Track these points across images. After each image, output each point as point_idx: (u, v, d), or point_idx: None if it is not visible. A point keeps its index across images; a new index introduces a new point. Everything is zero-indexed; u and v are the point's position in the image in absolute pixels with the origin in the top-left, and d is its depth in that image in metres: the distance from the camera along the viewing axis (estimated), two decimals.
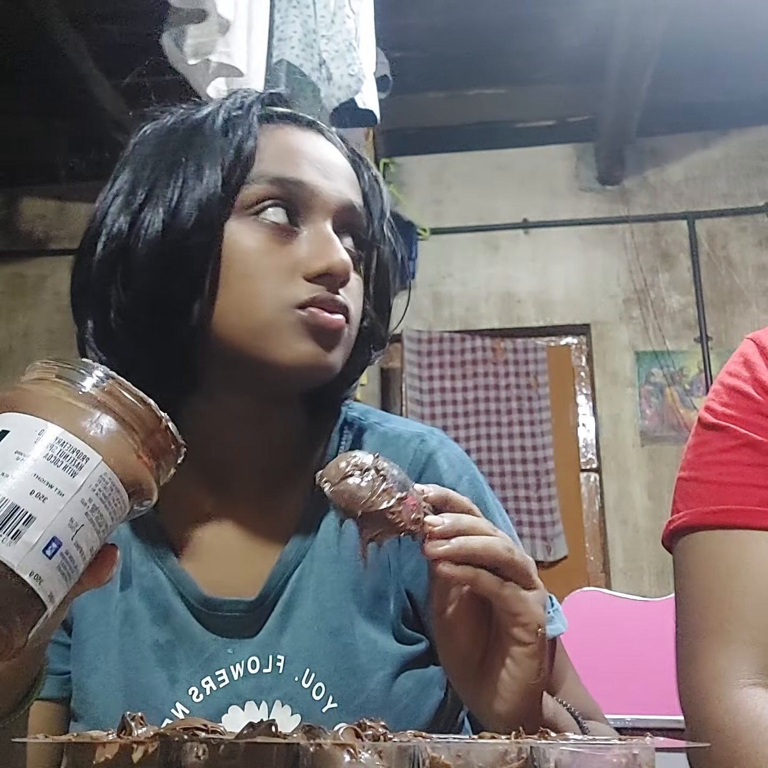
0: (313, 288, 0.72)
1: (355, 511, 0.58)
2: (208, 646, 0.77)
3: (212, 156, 0.73)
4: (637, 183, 3.99)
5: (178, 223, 0.71)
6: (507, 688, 0.62)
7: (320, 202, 0.75)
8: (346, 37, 1.85)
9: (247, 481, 0.81)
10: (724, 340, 3.75)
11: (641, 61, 3.13)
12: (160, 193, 0.73)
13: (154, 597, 0.78)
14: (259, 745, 0.43)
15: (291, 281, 0.72)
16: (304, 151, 0.76)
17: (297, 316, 0.72)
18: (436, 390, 3.80)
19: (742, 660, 0.74)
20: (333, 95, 1.84)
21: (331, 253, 0.73)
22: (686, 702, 0.78)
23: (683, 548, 0.83)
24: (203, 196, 0.72)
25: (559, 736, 0.48)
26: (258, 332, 0.72)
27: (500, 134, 4.04)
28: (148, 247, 0.72)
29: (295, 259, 0.73)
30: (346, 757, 0.42)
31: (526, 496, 3.68)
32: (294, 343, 0.72)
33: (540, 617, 0.61)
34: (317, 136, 0.80)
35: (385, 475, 0.59)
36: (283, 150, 0.76)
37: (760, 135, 3.96)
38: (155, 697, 0.75)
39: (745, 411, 0.83)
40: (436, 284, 3.98)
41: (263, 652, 0.76)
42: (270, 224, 0.73)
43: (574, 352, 3.97)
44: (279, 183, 0.74)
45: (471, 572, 0.60)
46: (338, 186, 0.76)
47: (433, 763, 0.43)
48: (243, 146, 0.74)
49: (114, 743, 0.45)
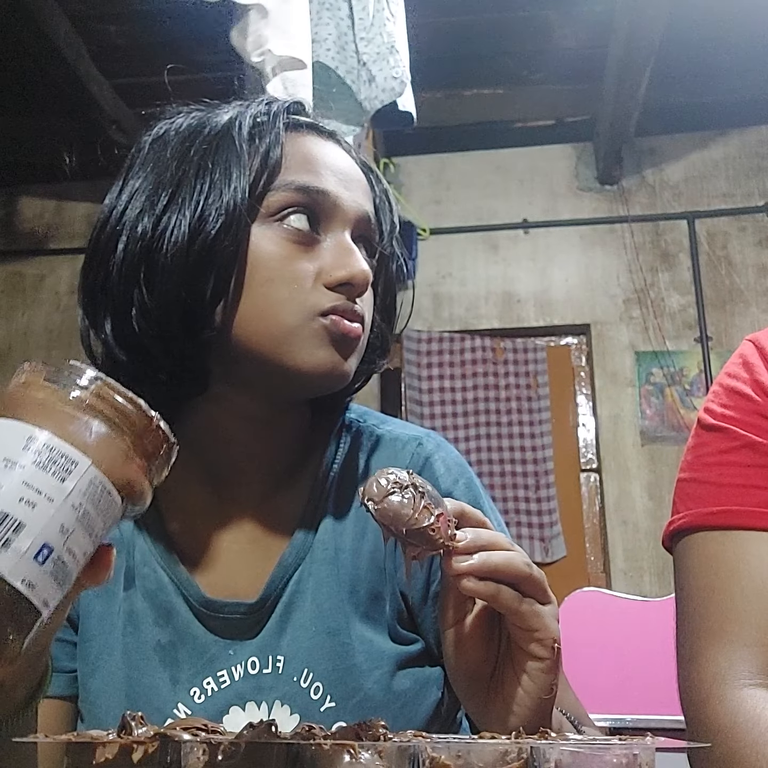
0: (334, 296, 0.74)
1: (400, 529, 0.59)
2: (210, 647, 0.77)
3: (240, 161, 0.74)
4: (636, 183, 3.99)
5: (205, 227, 0.72)
6: (520, 703, 0.62)
7: (341, 212, 0.76)
8: (387, 40, 1.86)
9: (250, 483, 0.81)
10: (724, 340, 3.75)
11: (640, 60, 3.13)
12: (186, 196, 0.73)
13: (157, 598, 0.79)
14: (259, 745, 0.43)
15: (313, 289, 0.74)
16: (327, 161, 0.77)
17: (319, 324, 0.73)
18: (435, 390, 3.80)
19: (743, 660, 0.74)
20: (376, 97, 1.85)
21: (353, 262, 0.74)
22: (687, 702, 0.78)
23: (683, 549, 0.83)
24: (230, 201, 0.72)
25: (559, 736, 0.48)
26: (279, 338, 0.73)
27: (499, 134, 4.05)
28: (174, 250, 0.72)
29: (317, 266, 0.74)
30: (346, 757, 0.42)
31: (525, 496, 3.68)
32: (314, 350, 0.73)
33: (555, 632, 0.62)
34: (337, 147, 0.81)
35: (423, 492, 0.60)
36: (307, 159, 0.77)
37: (760, 135, 3.96)
38: (157, 697, 0.76)
39: (744, 412, 0.83)
40: (436, 284, 3.98)
41: (263, 653, 0.76)
42: (294, 231, 0.74)
43: (574, 352, 3.97)
44: (304, 191, 0.74)
45: (493, 588, 0.60)
46: (357, 197, 0.78)
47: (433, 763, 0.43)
48: (270, 154, 0.75)
49: (114, 743, 0.44)
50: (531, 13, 3.25)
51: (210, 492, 0.81)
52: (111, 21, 3.11)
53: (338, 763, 0.42)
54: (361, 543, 0.79)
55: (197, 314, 0.73)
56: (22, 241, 4.22)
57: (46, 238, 4.18)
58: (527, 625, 0.61)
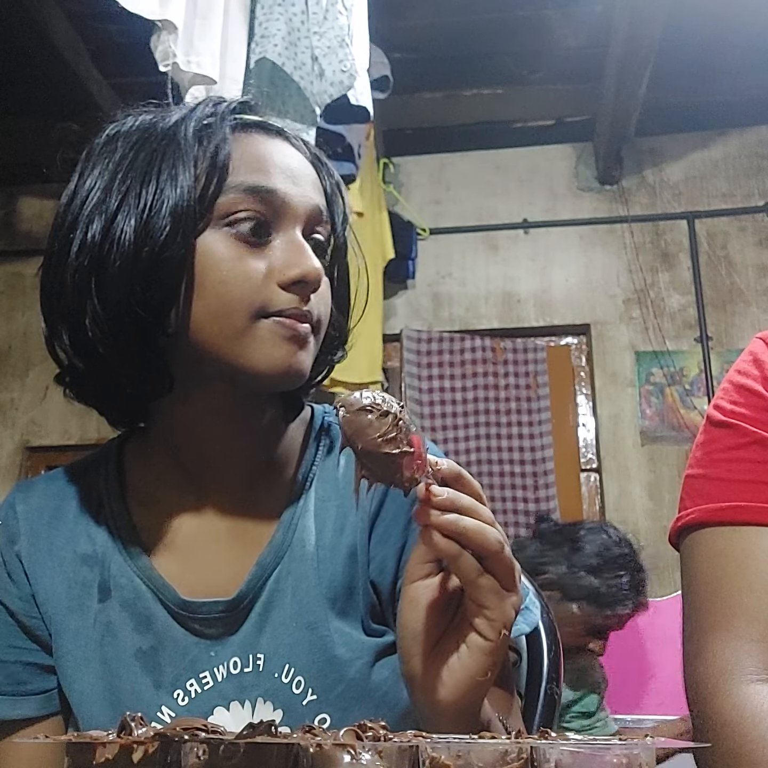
0: (286, 297, 0.74)
1: (356, 444, 0.60)
2: (191, 649, 0.78)
3: (187, 165, 0.74)
4: (636, 183, 3.99)
5: (152, 233, 0.72)
6: (453, 676, 0.62)
7: (291, 209, 0.76)
8: (338, 33, 1.82)
9: (224, 481, 0.82)
10: (724, 340, 3.75)
11: (640, 60, 3.13)
12: (133, 202, 0.73)
13: (135, 606, 0.79)
14: (259, 745, 0.43)
15: (265, 288, 0.74)
16: (275, 159, 0.77)
17: (271, 323, 0.73)
18: (435, 390, 3.79)
19: (750, 656, 0.74)
20: (325, 91, 1.81)
21: (305, 260, 0.75)
22: (693, 697, 0.78)
23: (691, 545, 0.83)
24: (177, 205, 0.72)
25: (560, 736, 0.47)
26: (233, 338, 0.73)
27: (499, 134, 4.04)
28: (122, 260, 0.72)
29: (268, 266, 0.74)
30: (346, 757, 0.42)
31: (525, 496, 3.68)
32: (268, 350, 0.73)
33: (509, 619, 0.61)
34: (285, 144, 0.80)
35: (401, 427, 0.60)
36: (255, 159, 0.76)
37: (760, 135, 3.96)
38: (140, 702, 0.76)
39: (754, 409, 0.83)
40: (436, 284, 3.98)
41: (243, 652, 0.77)
42: (244, 233, 0.74)
43: (574, 352, 3.97)
44: (252, 192, 0.74)
45: (456, 549, 0.60)
46: (306, 192, 0.78)
47: (433, 763, 0.43)
48: (218, 156, 0.74)
49: (114, 743, 0.44)
50: (531, 12, 3.25)
51: (185, 492, 0.82)
52: (111, 20, 3.11)
53: (338, 763, 0.42)
54: (339, 538, 0.80)
55: (150, 321, 0.73)
56: (21, 241, 4.21)
57: (45, 239, 4.17)
58: (481, 601, 0.61)
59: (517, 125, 4.05)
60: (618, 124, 3.62)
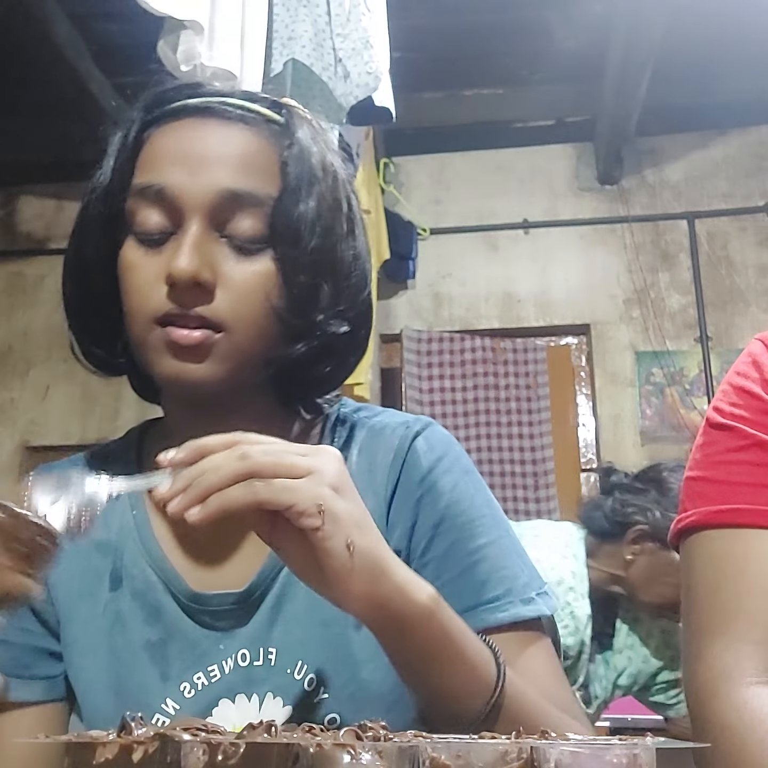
0: (165, 301, 0.70)
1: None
2: (200, 642, 0.77)
3: (108, 169, 0.77)
4: (636, 183, 3.99)
5: (76, 242, 0.77)
6: (332, 580, 0.60)
7: (184, 203, 0.71)
8: (362, 35, 1.85)
9: None
10: (724, 340, 3.75)
11: (640, 60, 3.13)
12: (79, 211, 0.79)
13: (146, 597, 0.79)
14: (259, 745, 0.43)
15: (156, 295, 0.71)
16: (174, 150, 0.73)
17: (157, 332, 0.71)
18: (435, 390, 3.80)
19: (749, 658, 0.74)
20: (351, 93, 1.84)
21: (174, 260, 0.69)
22: (693, 699, 0.78)
23: (691, 547, 0.83)
24: (96, 213, 0.76)
25: (560, 736, 0.47)
26: (140, 347, 0.74)
27: (499, 134, 4.05)
28: (65, 266, 0.78)
29: (160, 270, 0.71)
30: (346, 757, 0.42)
31: (525, 496, 3.68)
32: (159, 359, 0.72)
33: (315, 497, 0.58)
34: (202, 124, 0.74)
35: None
36: (152, 156, 0.74)
37: (760, 135, 3.96)
38: (145, 693, 0.76)
39: (753, 411, 0.83)
40: (436, 284, 3.98)
41: (254, 645, 0.76)
42: (142, 237, 0.73)
43: (574, 352, 3.97)
44: (142, 193, 0.73)
45: (216, 505, 0.58)
46: (211, 178, 0.71)
47: (433, 764, 0.43)
48: (121, 159, 0.76)
49: (114, 743, 0.44)
50: (531, 13, 3.25)
51: None
52: (112, 20, 3.11)
53: (338, 763, 0.42)
54: None
55: (113, 329, 0.77)
56: (22, 241, 4.22)
57: (46, 238, 4.18)
58: (283, 505, 0.58)
59: (518, 125, 4.06)
60: (618, 124, 3.62)
